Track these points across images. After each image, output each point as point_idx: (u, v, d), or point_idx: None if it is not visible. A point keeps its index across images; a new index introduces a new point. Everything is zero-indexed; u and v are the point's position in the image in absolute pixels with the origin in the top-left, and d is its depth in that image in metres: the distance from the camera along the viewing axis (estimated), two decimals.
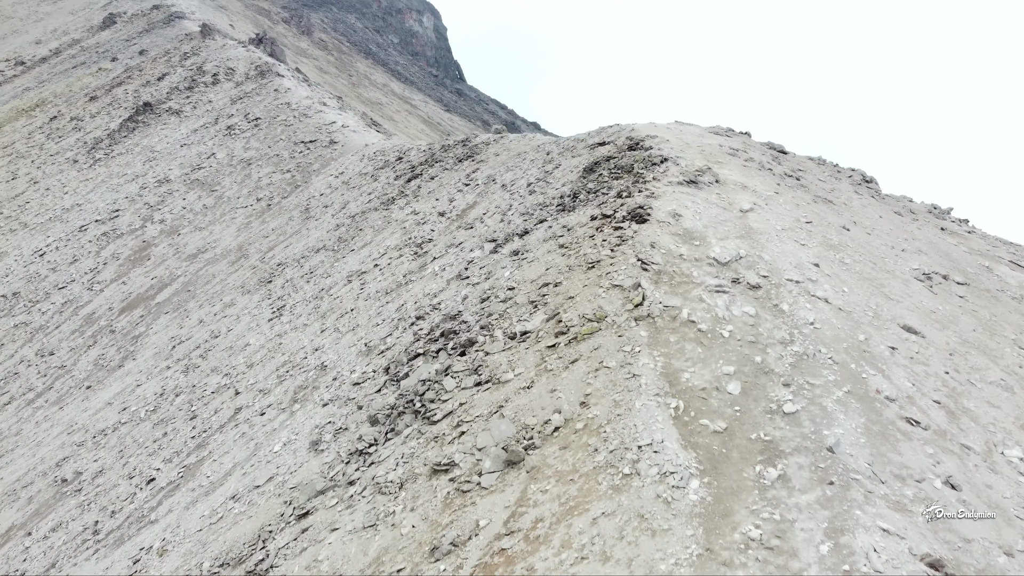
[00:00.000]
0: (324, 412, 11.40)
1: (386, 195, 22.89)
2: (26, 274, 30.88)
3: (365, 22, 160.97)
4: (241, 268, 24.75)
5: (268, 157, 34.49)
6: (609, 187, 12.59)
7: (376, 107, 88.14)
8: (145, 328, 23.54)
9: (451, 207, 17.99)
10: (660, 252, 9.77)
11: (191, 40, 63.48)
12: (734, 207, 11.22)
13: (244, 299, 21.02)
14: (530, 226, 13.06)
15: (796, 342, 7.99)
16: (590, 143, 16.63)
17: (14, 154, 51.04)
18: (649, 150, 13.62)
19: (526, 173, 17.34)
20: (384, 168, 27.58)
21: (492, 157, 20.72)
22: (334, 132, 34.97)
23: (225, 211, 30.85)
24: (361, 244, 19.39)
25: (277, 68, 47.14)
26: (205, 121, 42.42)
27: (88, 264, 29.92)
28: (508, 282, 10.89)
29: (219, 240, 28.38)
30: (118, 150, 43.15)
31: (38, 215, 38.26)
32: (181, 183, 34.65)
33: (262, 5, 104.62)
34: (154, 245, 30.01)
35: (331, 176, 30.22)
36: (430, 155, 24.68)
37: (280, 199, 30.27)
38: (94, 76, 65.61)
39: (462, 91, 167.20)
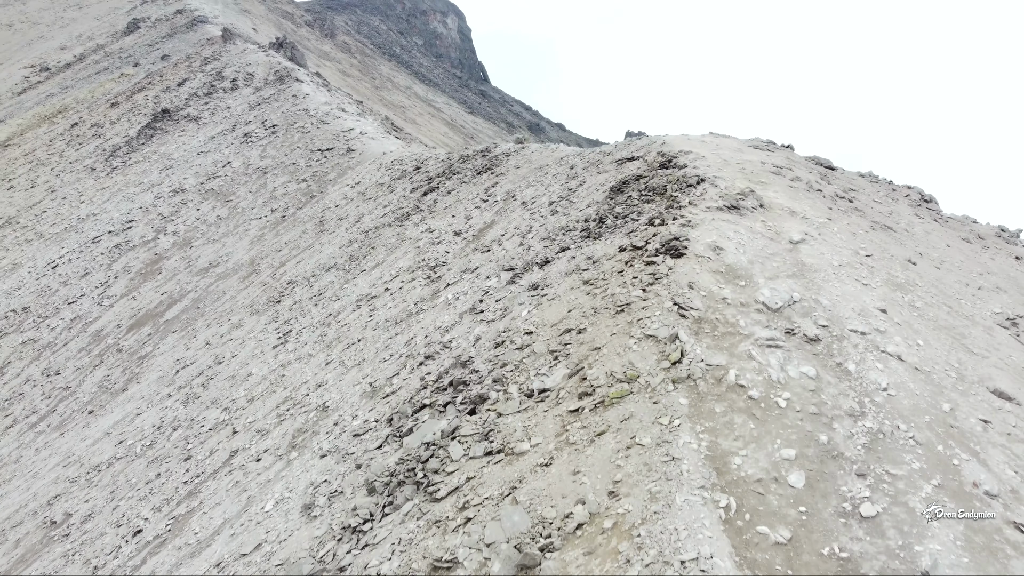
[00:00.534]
0: (321, 465, 10.22)
1: (401, 209, 21.75)
2: (37, 287, 30.19)
3: (389, 24, 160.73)
4: (252, 285, 23.76)
5: (284, 166, 33.55)
6: (639, 212, 11.28)
7: (399, 110, 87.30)
8: (152, 348, 22.62)
9: (467, 226, 16.78)
10: (700, 294, 8.46)
11: (212, 45, 63.01)
12: (783, 238, 9.87)
13: (252, 320, 19.98)
14: (551, 254, 11.79)
15: (868, 415, 6.65)
16: (617, 158, 15.32)
17: (35, 161, 50.74)
18: (683, 168, 12.29)
19: (548, 190, 16.07)
20: (401, 178, 26.48)
21: (512, 170, 19.49)
22: (352, 139, 33.95)
23: (239, 222, 29.93)
24: (373, 264, 18.24)
25: (296, 73, 46.29)
26: (223, 128, 41.64)
27: (99, 278, 29.13)
28: (525, 324, 9.63)
29: (231, 253, 27.43)
30: (135, 158, 42.53)
31: (54, 225, 37.69)
32: (196, 193, 33.82)
33: (285, 8, 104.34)
34: (166, 258, 29.16)
35: (347, 186, 29.17)
36: (448, 166, 23.50)
37: (295, 210, 29.28)
38: (116, 82, 65.38)
39: (486, 92, 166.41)
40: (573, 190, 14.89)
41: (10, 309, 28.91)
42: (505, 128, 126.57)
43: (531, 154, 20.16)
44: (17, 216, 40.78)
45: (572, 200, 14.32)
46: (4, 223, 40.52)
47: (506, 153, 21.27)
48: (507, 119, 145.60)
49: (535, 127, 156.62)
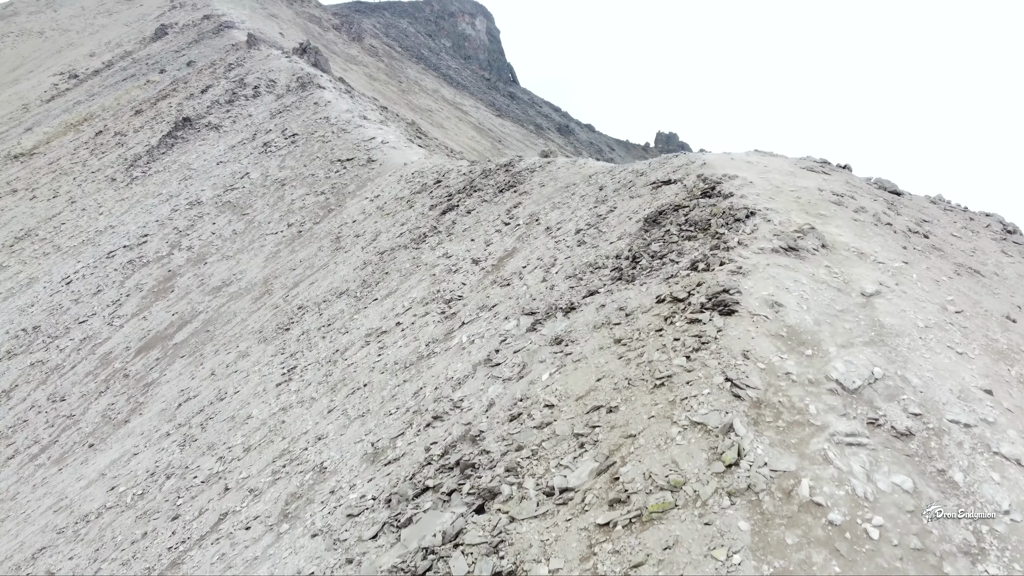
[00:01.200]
0: (311, 549, 8.85)
1: (418, 229, 20.38)
2: (50, 305, 29.35)
3: (417, 26, 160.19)
4: (263, 307, 22.57)
5: (303, 177, 32.41)
6: (679, 251, 9.76)
7: (426, 114, 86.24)
8: (159, 374, 21.52)
9: (487, 253, 15.34)
10: (757, 367, 6.93)
11: (237, 50, 62.39)
12: (853, 288, 8.29)
13: (259, 349, 18.74)
14: (577, 298, 10.31)
15: (990, 554, 5.10)
16: (652, 180, 13.79)
17: (58, 171, 50.34)
18: (729, 198, 10.73)
19: (575, 214, 14.58)
20: (421, 193, 25.16)
21: (537, 188, 18.02)
22: (372, 149, 32.72)
23: (255, 237, 28.81)
24: (385, 292, 16.88)
25: (318, 80, 45.24)
26: (243, 137, 40.70)
27: (111, 295, 28.19)
28: (546, 392, 8.16)
29: (245, 271, 26.30)
30: (155, 167, 41.76)
31: (72, 237, 36.98)
32: (212, 205, 32.82)
33: (312, 12, 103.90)
34: (179, 275, 28.12)
35: (366, 200, 27.93)
36: (469, 181, 22.10)
37: (312, 224, 28.09)
38: (142, 88, 65.06)
39: (515, 94, 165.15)
40: (602, 216, 13.38)
41: (21, 328, 28.08)
42: (534, 130, 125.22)
43: (557, 171, 18.68)
44: (37, 228, 40.21)
45: (601, 229, 12.81)
46: (24, 235, 39.97)
47: (530, 169, 19.81)
48: (535, 121, 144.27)
49: (564, 129, 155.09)
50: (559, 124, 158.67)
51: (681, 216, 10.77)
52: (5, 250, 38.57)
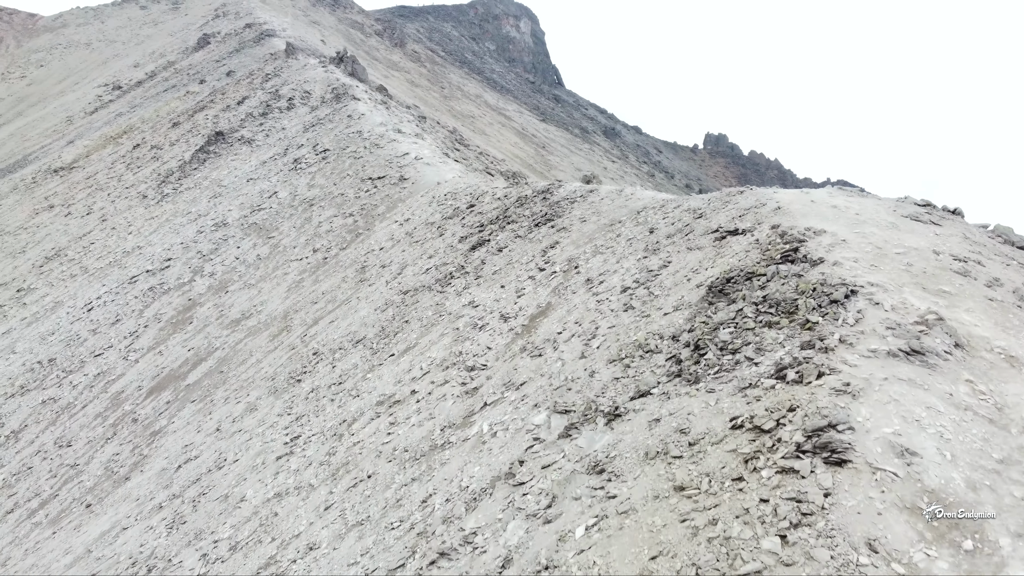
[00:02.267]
0: None
1: (445, 266, 18.30)
2: (68, 335, 28.07)
3: (461, 30, 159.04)
4: (279, 347, 20.76)
5: (332, 197, 30.67)
6: (758, 344, 7.45)
7: (468, 120, 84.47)
8: (167, 421, 19.85)
9: (517, 308, 13.16)
10: (893, 569, 4.62)
11: (275, 60, 61.36)
12: (1012, 418, 5.90)
13: (267, 403, 16.87)
14: (623, 399, 8.08)
15: None
16: (714, 226, 11.45)
17: (94, 185, 49.71)
18: (819, 265, 8.37)
19: (620, 264, 12.32)
20: (452, 219, 23.12)
21: (576, 225, 15.78)
22: (405, 166, 30.80)
23: (278, 264, 27.11)
24: (403, 347, 14.81)
25: (353, 91, 43.61)
26: (275, 152, 39.24)
27: (129, 326, 26.75)
28: (580, 566, 5.94)
29: (266, 303, 24.58)
30: (186, 184, 40.57)
31: (99, 258, 35.90)
32: (238, 227, 31.27)
33: (355, 19, 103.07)
34: (199, 304, 26.56)
35: (395, 223, 26.01)
36: (503, 210, 19.96)
37: (338, 250, 26.27)
38: (181, 100, 64.50)
39: (560, 97, 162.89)
40: (654, 273, 11.09)
41: (37, 360, 26.83)
42: (579, 134, 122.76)
43: (600, 203, 16.41)
44: (67, 247, 39.31)
45: (653, 291, 10.53)
46: (55, 254, 39.12)
47: (570, 199, 17.56)
48: (581, 124, 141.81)
49: (610, 131, 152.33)
50: (605, 127, 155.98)
51: (756, 289, 8.43)
52: (35, 271, 37.72)
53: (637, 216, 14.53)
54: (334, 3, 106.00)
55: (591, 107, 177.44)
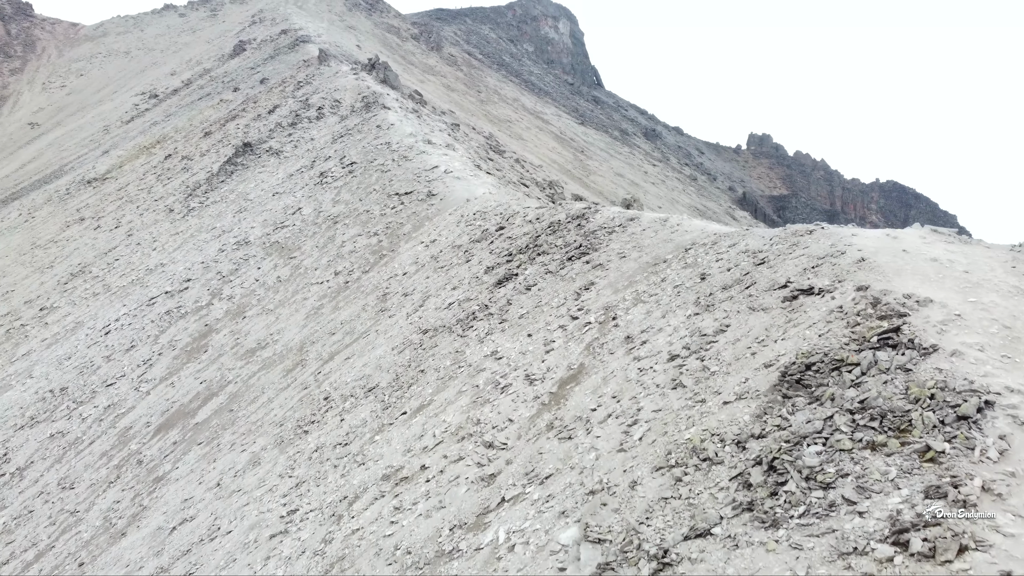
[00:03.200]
0: None
1: (469, 302, 16.51)
2: (83, 361, 26.95)
3: (499, 32, 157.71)
4: (292, 384, 19.21)
5: (357, 214, 29.13)
6: (860, 482, 5.51)
7: (505, 125, 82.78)
8: (171, 466, 18.43)
9: (544, 367, 11.29)
10: None
11: (307, 67, 60.36)
12: None
13: (271, 457, 15.28)
14: (673, 537, 6.17)
15: None
16: (781, 280, 9.46)
17: (125, 198, 49.07)
18: (931, 356, 6.38)
19: (667, 320, 10.39)
20: (480, 242, 21.38)
21: (615, 261, 13.86)
22: (434, 181, 29.13)
23: (299, 287, 25.62)
24: (417, 403, 13.05)
25: (383, 99, 42.12)
26: (302, 164, 37.92)
27: (143, 353, 25.49)
28: None
29: (283, 331, 23.08)
30: (213, 198, 39.48)
31: (123, 276, 34.91)
32: (260, 246, 29.91)
33: (391, 23, 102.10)
34: (215, 331, 25.19)
35: (420, 244, 24.34)
36: (534, 237, 18.11)
37: (360, 273, 24.69)
38: (215, 108, 63.90)
39: (599, 98, 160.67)
40: (709, 339, 9.14)
41: (48, 389, 25.73)
42: (618, 137, 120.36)
43: (642, 235, 14.47)
44: (93, 263, 38.47)
45: (708, 364, 8.59)
46: (80, 270, 38.31)
47: (607, 228, 15.64)
48: (620, 126, 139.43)
49: (650, 133, 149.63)
50: (645, 128, 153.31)
51: (849, 387, 6.45)
52: (59, 288, 36.92)
53: (685, 255, 12.57)
54: (370, 7, 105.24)
55: (631, 108, 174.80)
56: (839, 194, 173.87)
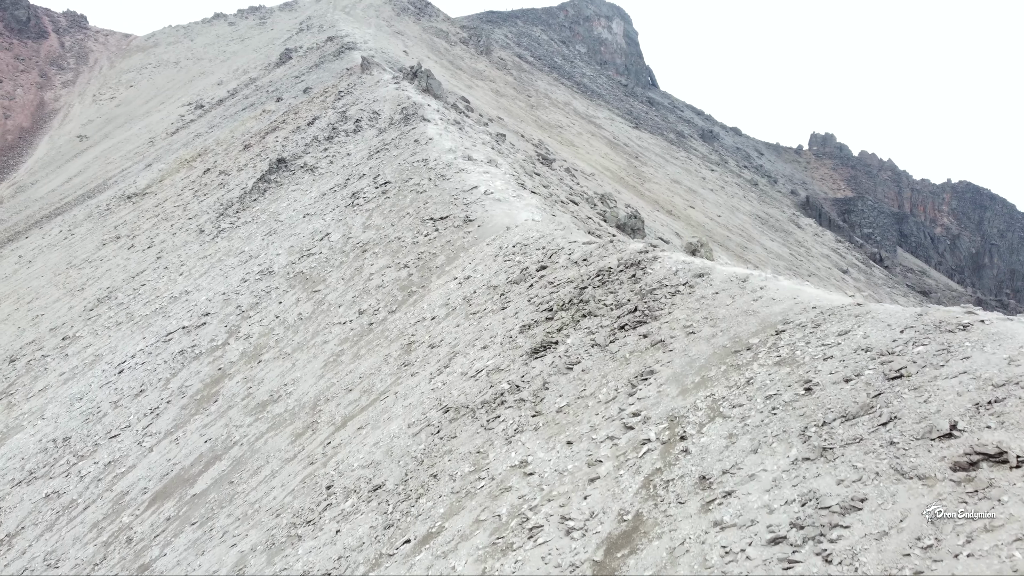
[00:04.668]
0: None
1: (499, 373, 13.59)
2: (91, 405, 24.90)
3: (551, 33, 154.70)
4: (298, 456, 16.60)
5: (387, 242, 26.51)
6: None
7: (555, 131, 79.73)
8: (158, 551, 15.97)
9: (587, 511, 8.28)
10: None
11: (350, 76, 58.35)
12: None
13: (258, 563, 12.58)
14: None
15: None
16: (942, 426, 6.27)
17: (160, 215, 47.58)
18: None
19: (761, 460, 7.28)
20: (519, 284, 18.51)
21: (680, 337, 10.78)
22: (472, 204, 26.34)
23: (319, 328, 23.09)
24: (424, 530, 10.16)
25: (423, 111, 39.50)
26: (336, 182, 35.56)
27: (151, 400, 23.27)
28: None
29: (297, 382, 20.54)
30: (244, 218, 37.42)
31: (147, 303, 33.01)
32: (283, 277, 27.52)
33: (440, 27, 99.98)
34: (228, 376, 22.81)
35: (453, 281, 21.56)
36: (579, 287, 15.10)
37: (386, 314, 22.02)
38: (257, 119, 62.39)
39: (654, 99, 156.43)
40: (833, 517, 6.03)
41: (52, 438, 23.70)
42: (674, 140, 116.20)
43: (714, 300, 11.34)
44: (120, 288, 36.76)
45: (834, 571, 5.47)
46: (107, 295, 36.64)
47: (669, 286, 12.53)
48: (676, 128, 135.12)
49: (708, 135, 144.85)
50: (702, 130, 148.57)
51: None
52: (84, 315, 35.27)
53: (776, 340, 9.43)
54: (419, 12, 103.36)
55: (687, 109, 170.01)
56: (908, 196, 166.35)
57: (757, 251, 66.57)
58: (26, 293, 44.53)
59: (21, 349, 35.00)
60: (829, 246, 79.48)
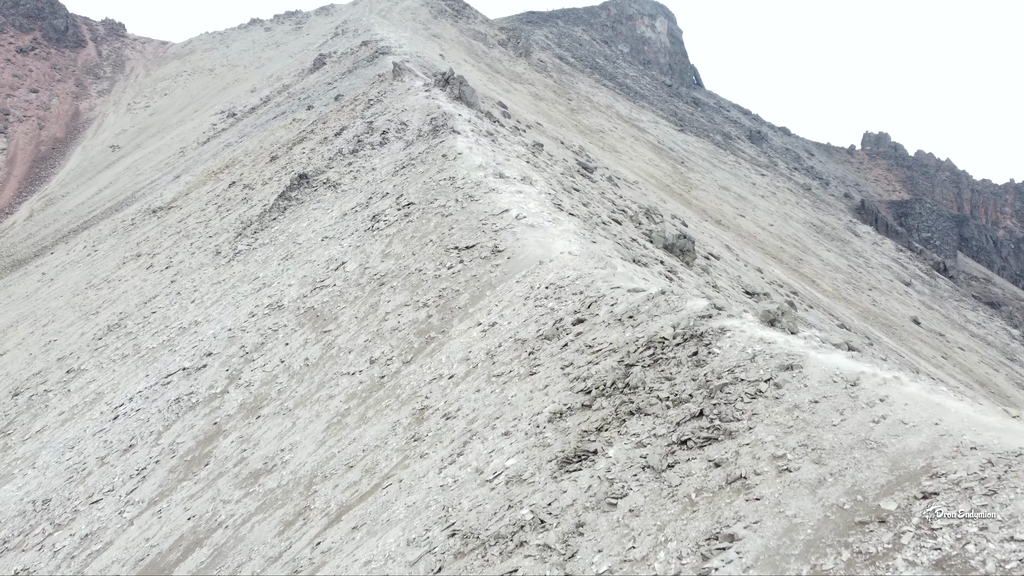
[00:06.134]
0: None
1: (520, 485, 10.53)
2: (78, 460, 22.51)
3: (592, 33, 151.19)
4: (282, 558, 13.74)
5: (407, 274, 23.65)
6: None
7: (597, 136, 76.36)
8: None
9: None
10: None
11: (381, 82, 55.76)
12: None
13: None
14: None
15: None
16: None
17: (182, 232, 45.52)
18: None
19: None
20: (551, 341, 15.54)
21: (768, 478, 7.61)
22: (501, 231, 23.36)
23: (326, 378, 20.31)
24: None
25: (453, 122, 36.58)
26: (358, 201, 32.88)
27: (140, 458, 20.74)
28: None
29: (296, 447, 17.76)
30: (262, 239, 34.96)
31: (155, 335, 30.68)
32: (293, 313, 24.85)
33: (478, 29, 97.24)
34: (223, 434, 20.16)
35: (476, 328, 18.62)
36: (624, 366, 11.97)
37: (400, 364, 19.15)
38: (286, 129, 60.23)
39: (699, 99, 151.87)
40: None
41: (32, 500, 21.32)
42: (721, 142, 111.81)
43: (812, 414, 8.15)
44: (131, 314, 34.58)
45: None
46: (118, 322, 34.49)
47: (748, 383, 9.33)
48: (723, 129, 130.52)
49: (756, 135, 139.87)
50: (750, 130, 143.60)
51: None
52: (92, 344, 33.14)
53: (926, 510, 6.22)
54: (456, 14, 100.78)
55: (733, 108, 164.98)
56: (967, 197, 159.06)
57: (813, 263, 62.40)
58: (43, 315, 42.82)
59: (28, 380, 33.00)
60: (889, 255, 74.73)
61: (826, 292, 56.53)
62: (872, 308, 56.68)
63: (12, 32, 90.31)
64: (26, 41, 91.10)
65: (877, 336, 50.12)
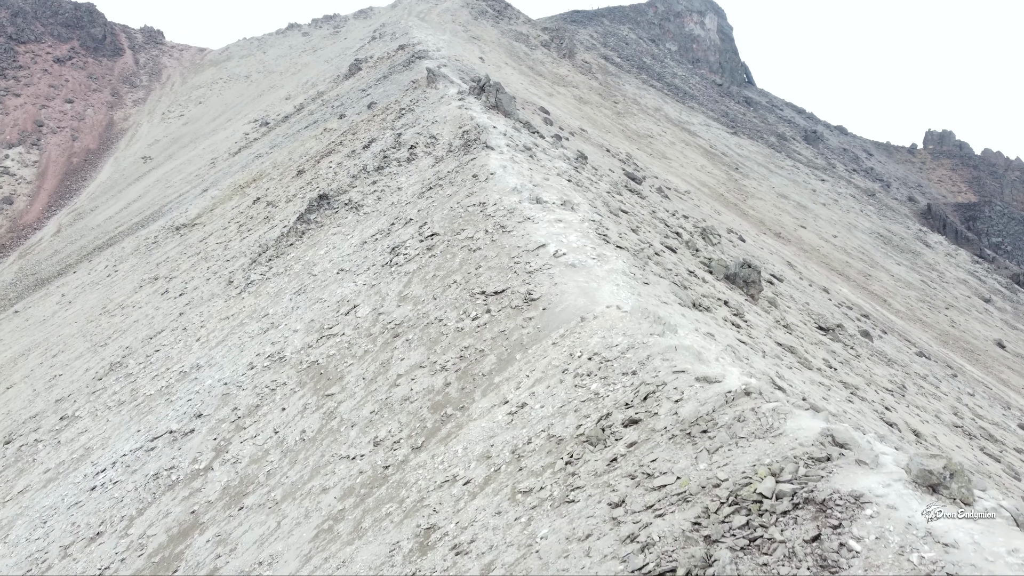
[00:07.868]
0: None
1: None
2: (42, 546, 19.39)
3: (639, 32, 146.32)
4: None
5: (425, 324, 20.07)
6: None
7: (645, 141, 72.00)
8: None
9: None
10: None
11: (415, 89, 52.49)
12: None
13: None
14: None
15: None
16: None
17: (201, 253, 42.71)
18: None
19: None
20: (595, 447, 11.99)
21: None
22: (536, 272, 19.62)
23: (321, 461, 16.81)
24: None
25: (487, 135, 32.92)
26: (379, 228, 29.45)
27: (104, 553, 17.50)
28: None
29: (275, 562, 14.30)
30: (276, 268, 31.78)
31: (154, 378, 27.66)
32: (294, 368, 21.45)
33: (520, 30, 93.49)
34: (199, 528, 16.78)
35: (502, 409, 14.96)
36: (703, 537, 8.11)
37: (409, 451, 15.56)
38: (317, 139, 57.31)
39: (751, 99, 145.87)
40: None
41: None
42: (776, 143, 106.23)
43: None
44: (135, 351, 31.69)
45: None
46: (120, 360, 31.62)
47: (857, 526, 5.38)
48: (777, 130, 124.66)
49: (811, 136, 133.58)
50: (805, 130, 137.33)
51: None
52: (91, 385, 30.31)
53: None
54: (497, 15, 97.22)
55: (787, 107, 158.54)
56: None
57: (883, 278, 57.22)
58: (55, 343, 40.40)
59: (23, 424, 30.33)
60: (965, 268, 68.93)
61: (899, 313, 51.46)
62: (951, 330, 51.40)
63: (50, 42, 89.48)
64: (64, 50, 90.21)
65: (960, 365, 45.02)
